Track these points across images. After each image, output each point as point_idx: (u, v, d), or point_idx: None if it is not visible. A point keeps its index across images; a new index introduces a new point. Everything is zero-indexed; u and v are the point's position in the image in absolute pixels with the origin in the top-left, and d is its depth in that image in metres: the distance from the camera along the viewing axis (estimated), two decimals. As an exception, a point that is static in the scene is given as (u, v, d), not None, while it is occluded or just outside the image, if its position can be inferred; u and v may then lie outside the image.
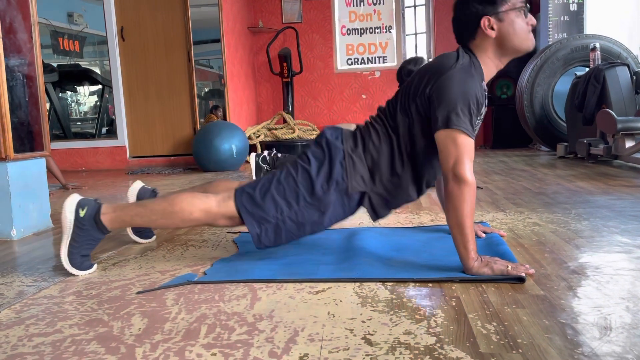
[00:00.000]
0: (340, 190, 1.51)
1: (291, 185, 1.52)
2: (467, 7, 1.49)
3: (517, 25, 1.47)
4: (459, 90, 1.41)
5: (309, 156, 1.56)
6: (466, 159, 1.39)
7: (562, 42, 4.95)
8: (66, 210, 1.56)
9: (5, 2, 2.19)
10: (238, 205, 1.53)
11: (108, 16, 5.37)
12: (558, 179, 3.22)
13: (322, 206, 1.52)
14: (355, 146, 1.54)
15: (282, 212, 1.52)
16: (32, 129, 2.30)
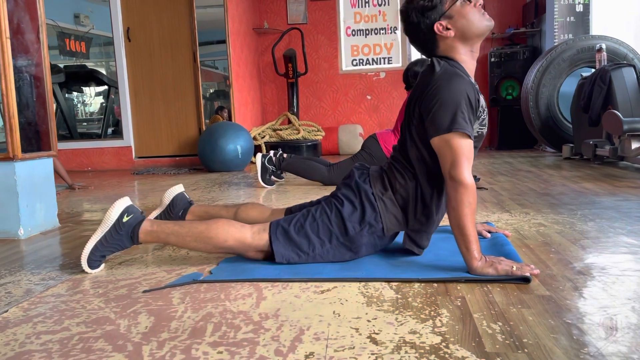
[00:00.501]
0: (373, 233, 1.54)
1: (325, 224, 1.54)
2: (416, 24, 1.52)
3: (467, 13, 1.49)
4: (445, 94, 1.42)
5: (341, 197, 1.58)
6: (463, 160, 1.39)
7: (567, 43, 4.94)
8: (113, 210, 1.58)
9: (13, 3, 2.21)
10: (271, 238, 1.55)
11: (114, 17, 5.40)
12: (563, 180, 3.21)
13: (354, 247, 1.55)
14: (384, 189, 1.56)
15: (314, 249, 1.54)
16: (40, 129, 2.32)
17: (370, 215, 1.53)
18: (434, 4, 1.49)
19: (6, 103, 2.11)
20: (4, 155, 2.14)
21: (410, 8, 1.52)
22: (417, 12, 1.50)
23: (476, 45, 1.54)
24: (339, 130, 6.35)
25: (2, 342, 1.11)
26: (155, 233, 1.59)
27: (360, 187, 1.56)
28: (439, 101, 1.42)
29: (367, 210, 1.53)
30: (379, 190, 1.55)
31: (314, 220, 1.56)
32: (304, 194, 3.11)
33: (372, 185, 1.56)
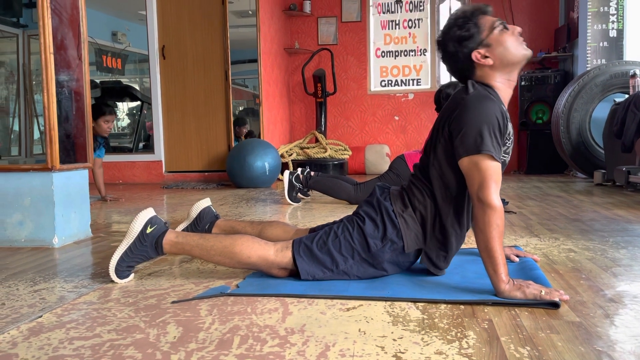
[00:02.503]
0: (395, 250, 1.55)
1: (347, 240, 1.56)
2: (453, 54, 1.53)
3: (505, 41, 1.50)
4: (476, 115, 1.43)
5: (362, 215, 1.59)
6: (491, 182, 1.39)
7: (600, 68, 4.88)
8: (137, 221, 1.61)
9: (58, 20, 2.31)
10: (295, 255, 1.57)
11: (151, 35, 5.57)
12: (595, 207, 3.15)
13: (376, 263, 1.56)
14: (404, 207, 1.57)
15: (338, 265, 1.56)
16: (77, 141, 2.40)
17: (391, 232, 1.53)
18: (470, 34, 1.50)
19: (47, 116, 2.20)
20: (42, 166, 2.22)
21: (447, 38, 1.53)
22: (455, 42, 1.52)
23: (513, 74, 1.55)
24: (366, 150, 6.36)
25: (37, 346, 1.14)
26: (179, 244, 1.62)
27: (381, 204, 1.58)
28: (469, 122, 1.43)
29: (388, 227, 1.54)
30: (399, 208, 1.56)
31: (336, 237, 1.57)
32: (330, 212, 3.12)
33: (393, 203, 1.57)
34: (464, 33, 1.50)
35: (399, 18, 6.69)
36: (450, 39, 1.53)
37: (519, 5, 6.37)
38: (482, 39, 1.50)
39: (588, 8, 5.32)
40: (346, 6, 6.71)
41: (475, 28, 1.50)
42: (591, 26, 5.34)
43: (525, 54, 1.52)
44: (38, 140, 6.63)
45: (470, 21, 1.51)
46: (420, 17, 6.65)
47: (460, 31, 1.50)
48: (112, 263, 1.61)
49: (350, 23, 6.74)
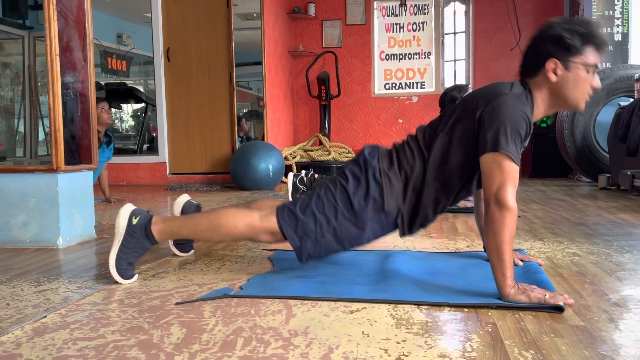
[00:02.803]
0: (378, 208, 1.54)
1: (330, 201, 1.57)
2: (542, 44, 1.48)
3: (580, 80, 1.45)
4: (511, 115, 1.42)
5: (347, 174, 1.60)
6: (510, 184, 1.38)
7: (605, 71, 4.87)
8: (120, 217, 1.63)
9: (64, 22, 2.33)
10: (279, 220, 1.58)
11: (156, 37, 5.59)
12: (599, 210, 3.14)
13: (359, 222, 1.55)
14: (390, 164, 1.58)
15: (321, 226, 1.56)
16: (82, 142, 2.41)
17: (374, 190, 1.54)
18: (569, 45, 1.43)
19: (53, 117, 2.21)
20: (47, 167, 2.23)
21: (552, 28, 1.46)
22: (552, 36, 1.45)
23: (554, 108, 1.53)
24: (370, 153, 6.35)
25: (41, 347, 1.14)
26: (168, 228, 1.64)
27: (367, 162, 1.58)
28: (504, 121, 1.41)
29: (372, 184, 1.54)
30: (385, 165, 1.57)
31: (319, 198, 1.58)
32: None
33: (380, 161, 1.58)
34: (567, 39, 1.43)
35: (403, 21, 6.70)
36: (553, 29, 1.46)
37: (523, 9, 6.37)
38: (571, 60, 1.44)
39: (593, 12, 5.32)
40: (351, 9, 6.72)
41: (578, 46, 1.43)
42: (596, 30, 5.33)
43: (580, 106, 1.50)
44: (42, 141, 6.66)
45: (582, 37, 1.43)
46: (424, 20, 6.65)
47: (566, 34, 1.43)
48: (111, 265, 1.62)
49: (355, 26, 6.74)
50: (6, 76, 6.49)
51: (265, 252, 2.09)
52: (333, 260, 1.87)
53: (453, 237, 2.35)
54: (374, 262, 1.84)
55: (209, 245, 2.25)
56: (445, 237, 2.37)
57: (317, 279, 1.63)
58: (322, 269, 1.76)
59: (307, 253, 1.58)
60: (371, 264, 1.81)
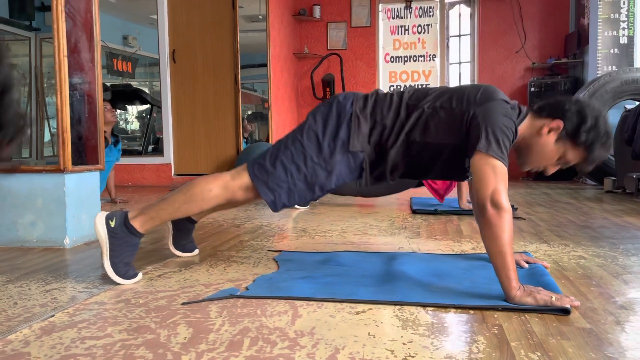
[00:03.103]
0: (345, 149, 1.58)
1: (298, 149, 1.60)
2: (571, 108, 1.52)
3: (551, 154, 1.54)
4: (503, 121, 1.46)
5: (316, 117, 1.62)
6: (503, 186, 1.41)
7: (611, 74, 4.86)
8: (98, 226, 1.64)
9: (72, 23, 2.34)
10: (251, 176, 1.62)
11: (161, 39, 5.61)
12: (605, 214, 3.13)
13: (328, 166, 1.58)
14: (364, 107, 1.60)
15: (292, 175, 1.59)
16: (89, 143, 2.42)
17: (344, 132, 1.57)
18: (579, 132, 1.49)
19: (60, 117, 2.22)
20: (55, 167, 2.24)
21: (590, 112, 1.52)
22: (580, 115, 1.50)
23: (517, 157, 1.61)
24: (374, 155, 6.36)
25: (49, 345, 1.15)
26: (147, 216, 1.65)
27: (340, 106, 1.61)
28: (501, 125, 1.44)
29: (343, 127, 1.57)
30: (358, 107, 1.60)
31: (287, 148, 1.61)
32: (338, 215, 3.12)
33: (354, 104, 1.60)
34: (583, 127, 1.49)
35: (408, 23, 6.70)
36: (587, 113, 1.51)
37: (529, 12, 6.36)
38: (567, 139, 1.51)
39: (599, 15, 5.30)
40: (356, 11, 6.73)
41: (582, 139, 1.50)
42: (602, 33, 5.32)
43: (526, 166, 1.61)
44: (48, 142, 6.69)
45: (590, 141, 1.51)
46: (429, 23, 6.66)
47: (588, 124, 1.50)
48: (108, 271, 1.62)
49: (360, 28, 6.75)
50: (13, 77, 6.52)
51: (270, 253, 2.09)
52: (338, 262, 1.88)
53: (458, 240, 2.35)
54: (379, 263, 1.84)
55: (214, 246, 2.26)
56: (450, 239, 2.37)
57: (323, 280, 1.63)
58: (328, 270, 1.77)
59: (282, 203, 1.63)
60: (376, 266, 1.81)
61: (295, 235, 2.53)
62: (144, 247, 2.26)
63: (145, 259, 2.00)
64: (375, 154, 1.60)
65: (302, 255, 2.02)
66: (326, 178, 1.59)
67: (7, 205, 2.29)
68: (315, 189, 1.61)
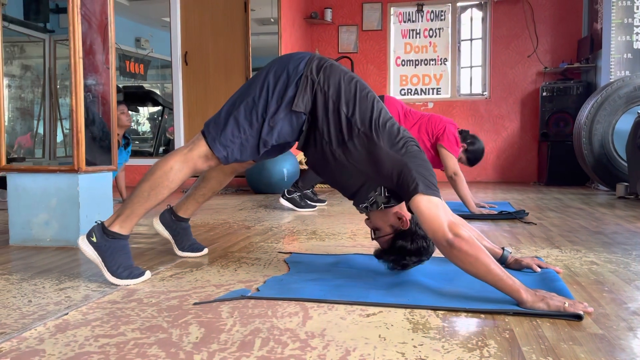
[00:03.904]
0: (290, 108, 1.60)
1: (250, 105, 1.62)
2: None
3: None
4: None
5: (269, 74, 1.65)
6: (449, 217, 1.46)
7: (624, 79, 4.82)
8: (84, 248, 1.66)
9: (87, 26, 2.37)
10: (205, 133, 1.65)
11: (174, 42, 5.65)
12: (617, 219, 3.11)
13: (271, 121, 1.61)
14: (316, 72, 1.62)
15: (245, 131, 1.62)
16: (103, 144, 2.45)
17: (291, 91, 1.60)
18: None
19: (75, 118, 2.25)
20: (69, 167, 2.27)
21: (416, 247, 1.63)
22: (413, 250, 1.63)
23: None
24: (385, 159, 6.35)
25: (63, 343, 1.17)
26: (122, 217, 1.66)
27: (294, 62, 1.63)
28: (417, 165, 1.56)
29: (291, 85, 1.60)
30: (309, 71, 1.61)
31: (240, 104, 1.64)
32: (349, 218, 3.13)
33: (307, 66, 1.62)
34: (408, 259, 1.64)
35: (419, 27, 6.70)
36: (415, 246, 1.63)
37: (541, 16, 6.33)
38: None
39: (612, 19, 5.27)
40: (367, 15, 6.74)
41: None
42: (615, 37, 5.29)
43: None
44: (61, 143, 6.76)
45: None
46: (441, 27, 6.65)
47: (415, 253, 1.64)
48: (112, 280, 1.64)
49: (371, 31, 6.76)
50: (27, 78, 6.61)
51: (281, 255, 2.10)
52: (349, 264, 1.88)
53: (469, 244, 2.34)
54: (389, 266, 1.84)
55: (224, 247, 2.27)
56: (461, 243, 2.36)
57: (334, 282, 1.64)
58: (339, 272, 1.77)
59: (235, 158, 1.65)
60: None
61: (305, 237, 2.54)
62: (155, 247, 2.28)
63: (157, 260, 2.02)
64: (310, 123, 1.63)
65: (312, 257, 2.03)
66: (267, 134, 1.62)
67: (22, 205, 2.32)
68: (260, 144, 1.64)
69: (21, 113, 6.45)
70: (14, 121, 6.22)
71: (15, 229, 2.33)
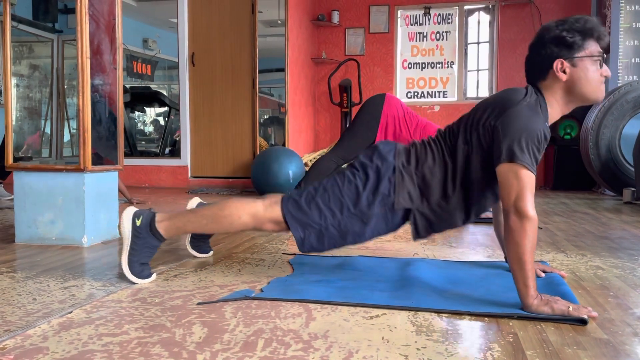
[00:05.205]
0: (385, 204, 1.54)
1: (336, 195, 1.56)
2: (543, 47, 1.49)
3: (590, 73, 1.46)
4: (525, 126, 1.42)
5: (357, 167, 1.59)
6: (528, 193, 1.38)
7: (632, 84, 4.80)
8: (124, 221, 1.65)
9: (95, 26, 2.38)
10: (284, 210, 1.59)
11: (181, 43, 5.67)
12: (624, 225, 3.09)
13: (365, 217, 1.55)
14: (407, 163, 1.56)
15: (326, 219, 1.56)
16: (109, 144, 2.46)
17: (385, 187, 1.53)
18: (571, 42, 1.45)
19: (82, 118, 2.26)
20: (75, 167, 2.28)
21: (550, 30, 1.49)
22: (552, 38, 1.47)
23: (572, 105, 1.53)
24: (390, 161, 6.34)
25: (67, 341, 1.17)
26: (173, 225, 1.65)
27: (382, 158, 1.56)
28: (517, 131, 1.41)
29: (384, 181, 1.53)
30: (400, 163, 1.55)
31: (325, 191, 1.57)
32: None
33: (396, 157, 1.56)
34: (568, 38, 1.45)
35: (426, 30, 6.69)
36: (552, 32, 1.48)
37: (549, 19, 6.29)
38: (575, 55, 1.45)
39: (620, 24, 5.25)
40: (374, 17, 6.74)
41: (580, 42, 1.45)
42: (623, 42, 5.26)
43: (598, 97, 1.49)
44: (67, 142, 6.79)
45: (581, 34, 1.46)
46: (448, 30, 6.64)
47: (567, 33, 1.45)
48: (124, 268, 1.64)
49: (378, 34, 6.76)
50: (34, 78, 6.65)
51: (285, 256, 2.10)
52: (353, 266, 1.88)
53: (474, 247, 2.34)
54: (394, 268, 1.84)
55: (229, 248, 2.27)
56: (466, 247, 2.36)
57: (337, 283, 1.64)
58: (342, 274, 1.77)
59: (310, 245, 1.59)
60: (391, 271, 1.81)
61: (309, 239, 2.53)
62: (161, 247, 2.28)
63: (161, 259, 2.02)
64: (432, 210, 1.55)
65: (316, 259, 2.03)
66: (360, 229, 1.56)
67: (28, 203, 2.33)
68: (347, 238, 1.58)
69: (29, 112, 6.50)
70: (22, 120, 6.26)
71: (21, 227, 2.34)
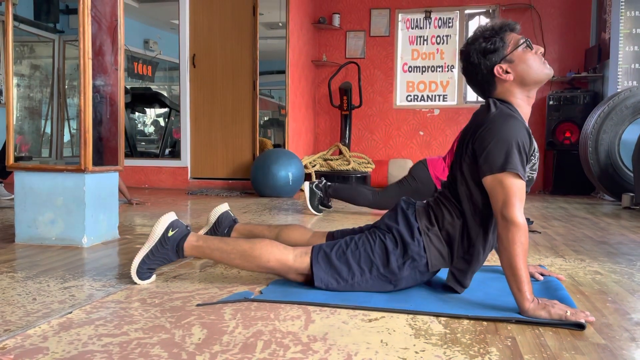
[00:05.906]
0: (416, 267, 1.54)
1: (367, 253, 1.56)
2: (476, 66, 1.55)
3: (528, 60, 1.52)
4: (501, 133, 1.44)
5: (385, 229, 1.60)
6: (514, 200, 1.39)
7: (631, 90, 4.81)
8: (159, 225, 1.65)
9: (97, 27, 2.39)
10: (313, 261, 1.58)
11: (182, 44, 5.68)
12: (622, 230, 3.10)
13: (394, 279, 1.55)
14: (430, 224, 1.57)
15: (354, 276, 1.56)
16: (110, 144, 2.47)
17: (414, 250, 1.53)
18: (495, 47, 1.52)
19: (83, 118, 2.26)
20: (76, 167, 2.28)
21: (472, 49, 1.56)
22: (479, 54, 1.54)
23: (533, 91, 1.56)
24: (389, 164, 6.36)
25: (67, 341, 1.18)
26: (200, 248, 1.65)
27: (408, 219, 1.58)
28: (493, 140, 1.44)
29: (411, 244, 1.54)
30: (424, 225, 1.56)
31: (357, 248, 1.58)
32: (353, 223, 3.12)
33: (418, 220, 1.57)
34: (489, 46, 1.52)
35: (427, 34, 6.71)
36: (474, 50, 1.55)
37: (549, 25, 6.33)
38: (506, 54, 1.52)
39: (620, 29, 5.27)
40: (375, 21, 6.76)
41: (500, 42, 1.53)
42: (623, 47, 5.28)
43: (547, 73, 1.53)
44: (67, 143, 6.80)
45: (497, 35, 1.53)
46: (448, 34, 6.66)
47: (486, 44, 1.53)
48: (133, 265, 1.65)
49: (379, 37, 6.77)
50: (35, 78, 6.66)
51: (284, 258, 2.10)
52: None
53: (472, 251, 2.34)
54: (392, 272, 1.84)
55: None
56: (465, 250, 2.36)
57: (336, 286, 1.64)
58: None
59: (327, 286, 1.57)
60: (390, 274, 1.81)
61: (309, 241, 2.54)
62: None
63: (161, 260, 2.02)
64: (465, 261, 1.55)
65: (315, 261, 2.03)
66: (389, 290, 1.57)
67: (28, 203, 2.33)
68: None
69: (29, 112, 6.50)
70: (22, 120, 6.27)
71: (21, 227, 2.35)
